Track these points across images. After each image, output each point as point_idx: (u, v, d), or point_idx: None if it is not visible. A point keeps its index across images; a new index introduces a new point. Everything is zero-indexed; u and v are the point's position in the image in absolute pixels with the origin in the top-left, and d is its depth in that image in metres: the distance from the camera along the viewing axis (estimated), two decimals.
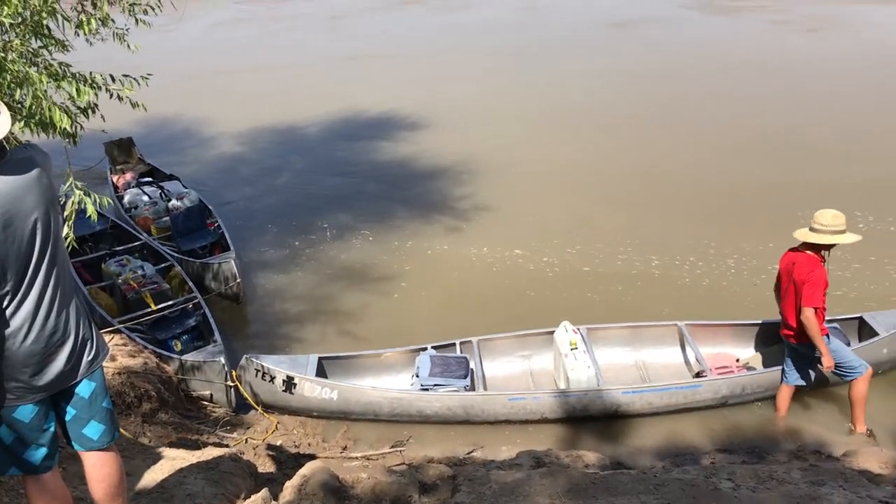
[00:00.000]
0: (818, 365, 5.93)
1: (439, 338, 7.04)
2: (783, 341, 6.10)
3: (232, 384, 6.62)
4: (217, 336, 7.22)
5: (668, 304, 7.92)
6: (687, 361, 6.91)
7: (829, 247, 5.67)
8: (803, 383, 6.14)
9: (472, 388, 6.45)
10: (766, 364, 6.62)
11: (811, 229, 5.66)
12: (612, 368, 6.86)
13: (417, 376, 6.52)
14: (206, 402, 6.80)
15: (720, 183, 10.85)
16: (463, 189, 11.10)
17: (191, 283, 8.17)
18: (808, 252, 5.71)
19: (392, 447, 6.09)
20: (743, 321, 7.11)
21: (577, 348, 6.42)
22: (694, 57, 17.86)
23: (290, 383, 6.46)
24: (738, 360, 6.87)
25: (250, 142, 13.84)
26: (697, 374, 6.54)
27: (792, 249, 5.86)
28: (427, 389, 6.35)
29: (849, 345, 6.46)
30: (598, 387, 6.20)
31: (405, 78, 17.57)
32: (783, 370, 6.16)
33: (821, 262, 5.69)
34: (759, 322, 7.05)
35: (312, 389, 6.43)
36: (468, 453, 5.96)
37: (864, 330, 6.84)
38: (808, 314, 5.62)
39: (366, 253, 9.47)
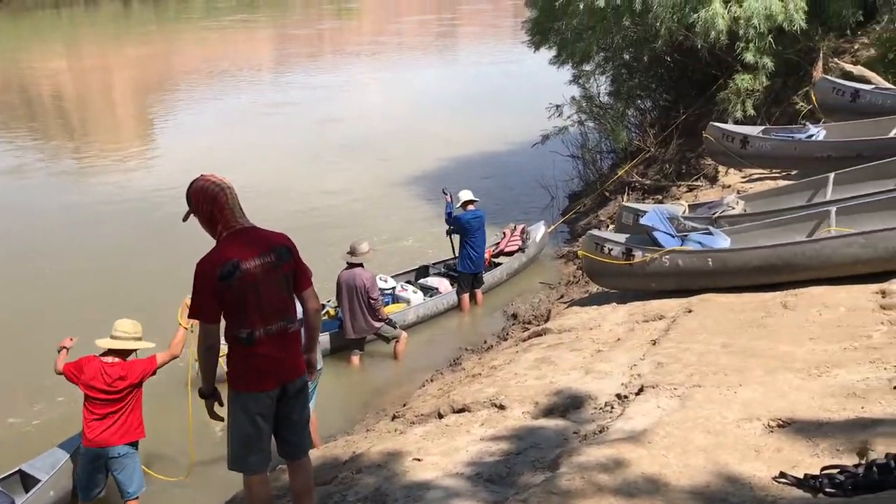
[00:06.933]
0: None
1: None
2: (88, 458, 5.81)
3: None
4: None
5: None
6: None
7: (132, 351, 5.89)
8: (98, 493, 5.93)
9: None
10: None
11: (113, 337, 5.81)
12: None
13: None
14: None
15: None
16: None
17: None
18: (118, 358, 5.79)
19: None
20: None
21: None
22: None
23: None
24: None
25: None
26: None
27: (104, 354, 5.80)
28: None
29: (14, 503, 5.83)
30: None
31: None
32: (77, 487, 5.92)
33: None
34: None
35: None
36: None
37: (28, 481, 6.13)
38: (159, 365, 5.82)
39: None
